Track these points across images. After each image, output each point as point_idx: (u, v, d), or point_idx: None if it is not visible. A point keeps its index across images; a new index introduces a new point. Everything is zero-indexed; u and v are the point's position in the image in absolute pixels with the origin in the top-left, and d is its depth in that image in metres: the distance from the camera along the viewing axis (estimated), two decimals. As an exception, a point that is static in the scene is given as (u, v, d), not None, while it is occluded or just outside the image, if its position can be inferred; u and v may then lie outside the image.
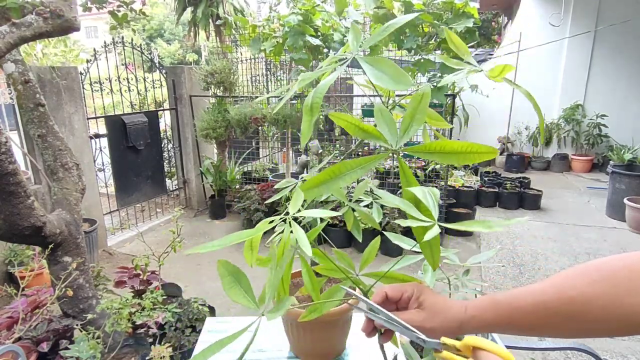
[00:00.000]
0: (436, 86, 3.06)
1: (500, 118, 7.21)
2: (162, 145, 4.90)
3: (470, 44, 3.02)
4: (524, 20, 6.97)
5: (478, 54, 8.42)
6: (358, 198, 0.91)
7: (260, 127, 4.59)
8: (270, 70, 6.14)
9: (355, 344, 1.01)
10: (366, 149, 5.18)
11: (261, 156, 6.28)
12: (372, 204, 0.94)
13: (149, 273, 2.18)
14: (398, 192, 4.39)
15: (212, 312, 2.28)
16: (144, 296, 1.84)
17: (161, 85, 4.77)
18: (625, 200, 4.19)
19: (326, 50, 3.56)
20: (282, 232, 0.63)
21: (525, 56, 6.66)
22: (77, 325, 1.77)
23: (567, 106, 6.82)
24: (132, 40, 4.33)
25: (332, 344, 0.96)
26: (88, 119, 3.74)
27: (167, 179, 5.01)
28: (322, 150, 4.41)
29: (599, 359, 1.24)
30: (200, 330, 1.23)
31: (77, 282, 1.82)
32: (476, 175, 5.76)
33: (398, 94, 0.87)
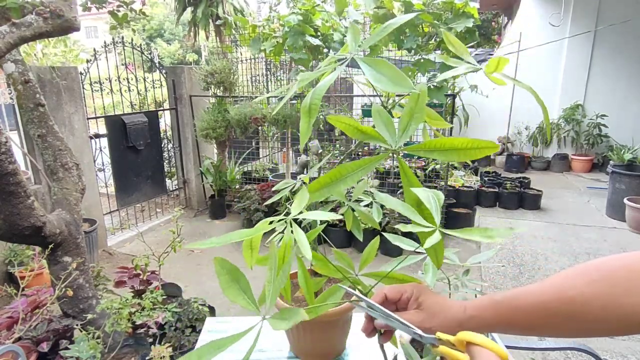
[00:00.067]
0: (436, 86, 3.06)
1: (500, 118, 7.21)
2: (162, 145, 4.90)
3: (470, 44, 3.02)
4: (524, 20, 6.97)
5: (478, 54, 8.43)
6: (358, 198, 0.91)
7: (260, 127, 4.59)
8: (270, 70, 6.14)
9: (355, 344, 1.01)
10: (366, 149, 5.18)
11: (261, 156, 6.28)
12: (372, 203, 0.94)
13: (149, 273, 2.18)
14: (398, 192, 4.39)
15: (212, 312, 2.28)
16: (144, 296, 1.84)
17: (161, 85, 4.77)
18: (625, 200, 4.19)
19: (326, 50, 3.56)
20: (282, 232, 0.63)
21: (525, 56, 6.66)
22: (77, 325, 1.77)
23: (567, 106, 6.82)
24: (132, 40, 4.33)
25: (332, 344, 0.96)
26: (88, 119, 3.74)
27: (167, 179, 5.01)
28: (322, 150, 4.41)
29: (599, 359, 1.24)
30: (200, 330, 1.23)
31: (77, 282, 1.82)
32: (476, 175, 5.76)
33: (398, 94, 0.87)
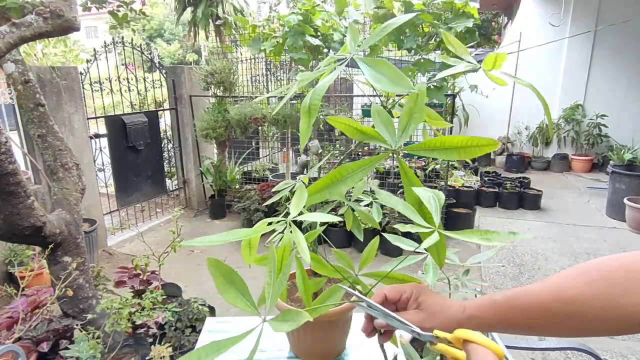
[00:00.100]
0: (436, 86, 3.06)
1: (500, 118, 7.21)
2: (162, 145, 4.90)
3: (470, 44, 3.02)
4: (524, 20, 6.97)
5: (478, 54, 8.42)
6: (358, 198, 0.91)
7: (260, 127, 4.59)
8: (270, 70, 6.14)
9: (355, 344, 1.01)
10: (366, 148, 5.18)
11: (261, 156, 6.28)
12: (371, 203, 0.94)
13: (149, 273, 2.18)
14: (399, 192, 4.39)
15: (212, 312, 2.28)
16: (144, 296, 1.84)
17: (161, 85, 4.77)
18: (625, 200, 4.19)
19: (326, 50, 3.56)
20: (282, 232, 0.63)
21: (525, 56, 6.66)
22: (77, 325, 1.77)
23: (567, 106, 6.82)
24: (132, 40, 4.33)
25: (332, 344, 0.96)
26: (88, 119, 3.74)
27: (167, 179, 5.01)
28: (322, 150, 4.41)
29: (599, 359, 1.24)
30: (200, 330, 1.23)
31: (77, 282, 1.82)
32: (476, 175, 5.76)
33: (398, 94, 0.87)
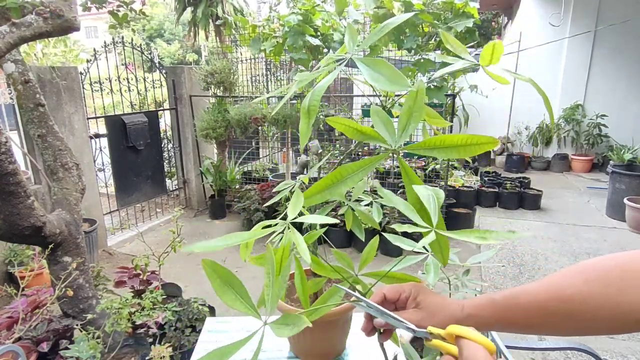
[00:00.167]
0: (436, 86, 3.06)
1: (500, 118, 7.21)
2: (162, 145, 4.90)
3: (470, 44, 3.02)
4: (524, 20, 6.97)
5: (478, 54, 8.41)
6: (358, 198, 0.91)
7: (260, 127, 4.59)
8: (270, 70, 6.14)
9: (355, 344, 1.01)
10: (366, 148, 5.18)
11: (261, 156, 6.28)
12: (371, 203, 0.94)
13: (149, 273, 2.18)
14: (398, 192, 4.39)
15: (212, 311, 2.28)
16: (143, 296, 1.84)
17: (161, 85, 4.77)
18: (625, 200, 4.19)
19: (326, 50, 3.56)
20: (281, 232, 0.63)
21: (525, 56, 6.66)
22: (77, 325, 1.77)
23: (567, 106, 6.82)
24: (132, 40, 4.33)
25: (332, 344, 0.96)
26: (88, 119, 3.74)
27: (167, 179, 5.01)
28: (322, 150, 4.41)
29: (599, 359, 1.24)
30: (200, 330, 1.23)
31: (77, 282, 1.82)
32: (476, 175, 5.76)
33: (397, 93, 0.88)
